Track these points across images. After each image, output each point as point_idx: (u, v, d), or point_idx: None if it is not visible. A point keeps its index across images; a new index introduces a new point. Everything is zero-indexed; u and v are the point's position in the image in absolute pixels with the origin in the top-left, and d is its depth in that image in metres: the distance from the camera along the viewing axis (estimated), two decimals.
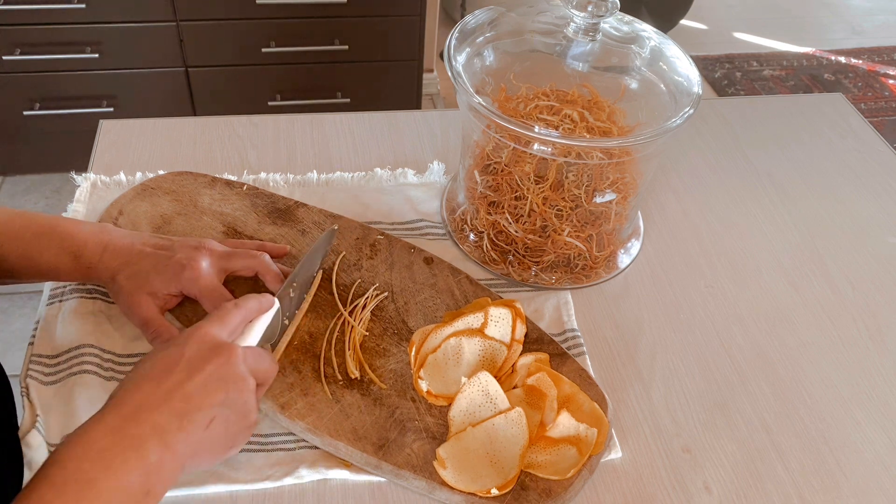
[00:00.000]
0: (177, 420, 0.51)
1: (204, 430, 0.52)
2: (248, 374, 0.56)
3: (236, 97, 1.96)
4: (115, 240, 0.69)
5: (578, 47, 0.82)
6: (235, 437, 0.56)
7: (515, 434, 0.64)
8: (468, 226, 0.83)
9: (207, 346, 0.55)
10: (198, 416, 0.52)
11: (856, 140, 1.05)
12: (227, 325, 0.58)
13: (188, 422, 0.51)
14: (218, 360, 0.54)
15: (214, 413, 0.53)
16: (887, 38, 3.04)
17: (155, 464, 0.49)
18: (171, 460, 0.50)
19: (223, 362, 0.54)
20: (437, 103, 2.45)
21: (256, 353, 0.58)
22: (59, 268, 0.68)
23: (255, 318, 0.62)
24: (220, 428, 0.54)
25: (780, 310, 0.81)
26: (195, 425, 0.52)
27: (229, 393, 0.54)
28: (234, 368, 0.55)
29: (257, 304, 0.62)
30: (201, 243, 0.70)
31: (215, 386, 0.53)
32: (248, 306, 0.61)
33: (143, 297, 0.67)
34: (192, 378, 0.53)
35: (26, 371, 0.68)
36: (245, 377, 0.55)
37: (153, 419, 0.50)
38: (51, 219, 0.69)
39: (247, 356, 0.57)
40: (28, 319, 1.76)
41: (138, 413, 0.50)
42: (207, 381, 0.53)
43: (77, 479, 0.46)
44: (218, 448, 0.55)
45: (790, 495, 0.66)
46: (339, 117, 1.01)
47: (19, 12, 1.73)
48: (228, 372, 0.54)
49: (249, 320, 0.62)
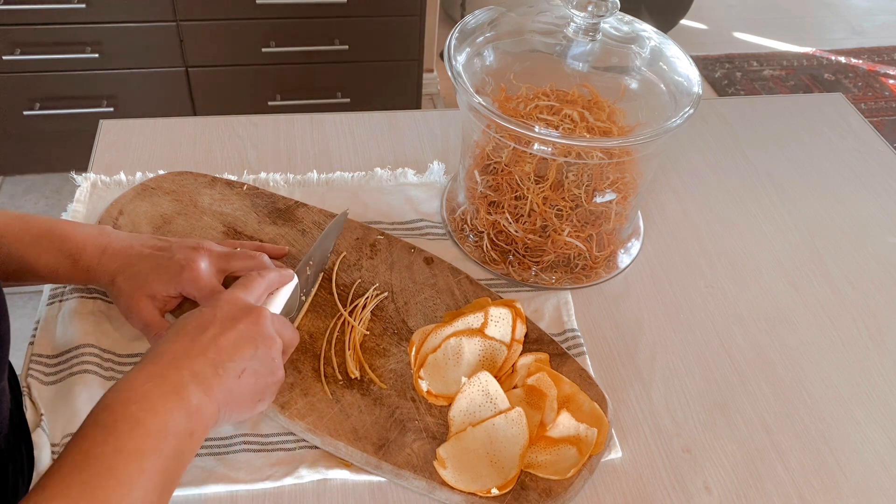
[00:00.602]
0: (212, 368, 0.55)
1: (237, 378, 0.56)
2: (276, 335, 0.60)
3: (236, 97, 1.96)
4: (114, 242, 0.69)
5: (578, 47, 0.82)
6: (264, 391, 0.59)
7: (515, 434, 0.64)
8: (468, 226, 0.83)
9: (238, 307, 0.59)
10: (231, 365, 0.56)
11: (856, 140, 1.05)
12: (252, 291, 0.62)
13: (223, 370, 0.55)
14: (248, 319, 0.58)
15: (245, 365, 0.57)
16: (887, 38, 3.04)
17: (196, 406, 0.52)
18: (209, 404, 0.53)
19: (253, 321, 0.58)
20: (437, 103, 2.45)
21: (281, 319, 0.62)
22: (57, 270, 0.68)
23: (276, 290, 0.66)
24: (250, 379, 0.57)
25: (780, 310, 0.81)
26: (229, 373, 0.55)
27: (258, 349, 0.58)
28: (262, 328, 0.59)
29: (279, 276, 0.66)
30: (200, 244, 0.70)
31: (246, 341, 0.57)
32: (271, 277, 0.65)
33: (142, 300, 0.67)
34: (224, 333, 0.57)
35: (27, 371, 0.68)
36: (273, 336, 0.59)
37: (191, 366, 0.54)
38: (49, 221, 0.69)
39: (273, 320, 0.61)
40: (28, 319, 1.76)
41: (176, 361, 0.54)
42: (239, 337, 0.57)
43: (126, 419, 0.49)
44: (248, 399, 0.58)
45: (790, 495, 0.66)
46: (339, 117, 1.01)
47: (19, 12, 1.73)
48: (258, 330, 0.58)
49: (271, 291, 0.66)
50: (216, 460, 0.63)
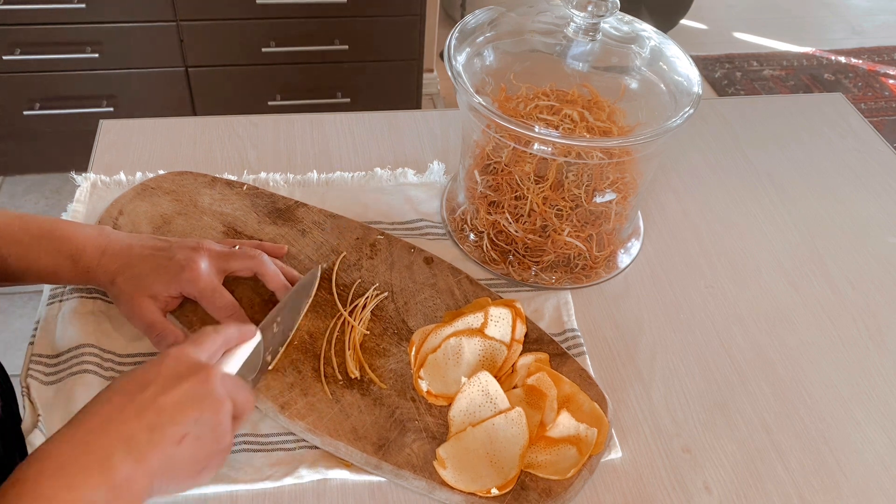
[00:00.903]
0: (147, 432, 0.49)
1: (176, 445, 0.50)
2: (226, 397, 0.54)
3: (236, 97, 1.96)
4: (114, 242, 0.69)
5: (578, 47, 0.82)
6: (208, 459, 0.53)
7: (515, 434, 0.64)
8: (468, 226, 0.83)
9: (184, 364, 0.53)
10: (170, 429, 0.50)
11: (856, 140, 1.05)
12: (205, 348, 0.56)
13: (160, 435, 0.49)
14: (195, 378, 0.52)
15: (187, 430, 0.51)
16: (887, 38, 3.04)
17: (122, 479, 0.47)
18: (140, 476, 0.48)
19: (200, 380, 0.53)
20: (437, 103, 2.45)
21: (235, 380, 0.57)
22: (57, 271, 0.68)
23: (235, 347, 0.60)
24: (192, 446, 0.51)
25: (780, 310, 0.81)
26: (167, 439, 0.50)
27: (204, 412, 0.52)
28: (210, 388, 0.53)
29: (237, 332, 0.60)
30: (199, 244, 0.70)
31: (190, 403, 0.51)
32: (229, 333, 0.59)
33: (143, 300, 0.67)
34: (166, 393, 0.51)
35: (27, 371, 0.68)
36: (222, 399, 0.53)
37: (122, 430, 0.48)
38: (49, 221, 0.69)
39: (225, 380, 0.55)
40: (28, 319, 1.76)
41: (106, 425, 0.48)
42: (182, 397, 0.51)
43: (36, 496, 0.44)
44: (189, 469, 0.52)
45: (790, 495, 0.66)
46: (339, 117, 1.01)
47: (19, 12, 1.73)
48: (205, 390, 0.52)
49: (229, 347, 0.60)
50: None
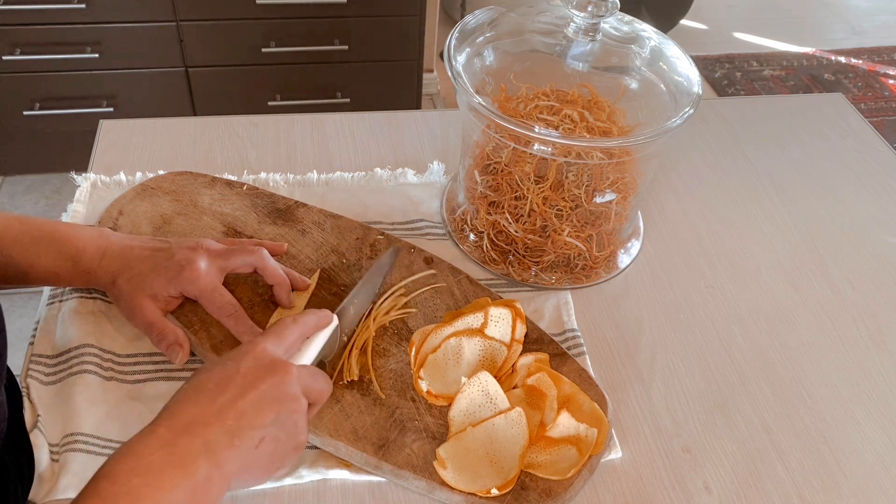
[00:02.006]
0: (227, 438, 0.51)
1: (253, 449, 0.52)
2: (301, 395, 0.56)
3: (236, 97, 1.96)
4: (114, 244, 0.69)
5: (578, 47, 0.82)
6: (284, 458, 0.55)
7: (515, 434, 0.64)
8: (468, 226, 0.83)
9: (263, 363, 0.55)
10: (249, 434, 0.52)
11: (856, 140, 1.05)
12: (284, 341, 0.58)
13: (239, 440, 0.51)
14: (273, 378, 0.54)
15: (265, 433, 0.53)
16: (887, 38, 3.04)
17: (202, 481, 0.49)
18: (218, 478, 0.50)
19: (278, 381, 0.54)
20: (437, 103, 2.45)
21: (311, 371, 0.58)
22: (57, 272, 0.68)
23: (312, 334, 0.62)
24: (269, 448, 0.53)
25: (780, 310, 0.81)
26: (246, 444, 0.52)
27: (281, 413, 0.53)
28: (287, 388, 0.54)
29: (315, 319, 0.62)
30: (199, 243, 0.70)
31: (268, 405, 0.53)
32: (307, 321, 0.61)
33: (144, 300, 0.67)
34: (245, 395, 0.52)
35: (26, 371, 0.68)
36: (298, 397, 0.55)
37: (205, 435, 0.50)
38: (49, 224, 0.69)
39: (301, 375, 0.56)
40: (28, 319, 1.76)
41: (191, 427, 0.50)
42: (261, 399, 0.53)
43: (127, 492, 0.46)
44: (265, 467, 0.54)
45: (790, 495, 0.66)
46: (339, 117, 1.01)
47: (19, 12, 1.73)
48: (282, 391, 0.54)
49: (307, 336, 0.61)
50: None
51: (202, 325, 0.70)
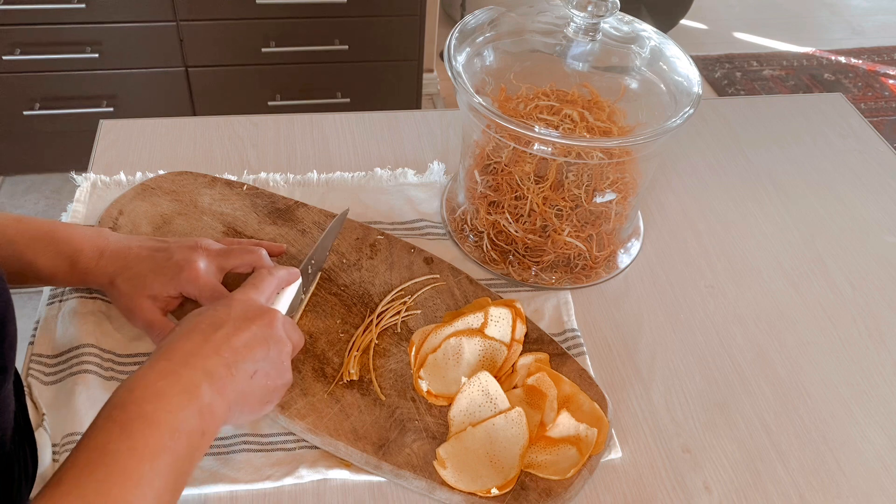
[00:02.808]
0: (225, 367, 0.55)
1: (248, 379, 0.56)
2: (286, 337, 0.60)
3: (236, 97, 1.96)
4: (112, 244, 0.69)
5: (578, 47, 0.82)
6: (273, 393, 0.59)
7: (515, 434, 0.64)
8: (468, 226, 0.83)
9: (252, 307, 0.60)
10: (244, 365, 0.56)
11: (856, 140, 1.05)
12: (263, 291, 0.63)
13: (236, 369, 0.55)
14: (261, 321, 0.59)
15: (257, 366, 0.57)
16: (887, 38, 3.04)
17: (208, 405, 0.52)
18: (220, 403, 0.53)
19: (266, 323, 0.59)
20: (437, 103, 2.45)
21: (289, 321, 0.63)
22: (55, 272, 0.68)
23: (283, 288, 0.67)
24: (261, 380, 0.57)
25: (780, 310, 0.81)
26: (242, 374, 0.56)
27: (270, 350, 0.58)
28: (275, 330, 0.59)
29: (287, 273, 0.67)
30: (197, 243, 0.70)
31: (259, 342, 0.57)
32: (280, 275, 0.66)
33: (143, 301, 0.67)
34: (238, 333, 0.56)
35: (27, 371, 0.68)
36: (284, 339, 0.60)
37: (204, 365, 0.54)
38: (47, 223, 0.69)
39: (284, 322, 0.61)
40: (28, 319, 1.75)
41: (189, 359, 0.54)
42: (252, 337, 0.57)
43: (140, 417, 0.49)
44: (258, 400, 0.58)
45: (790, 495, 0.66)
46: (339, 117, 1.01)
47: (19, 12, 1.73)
48: (270, 333, 0.59)
49: (280, 289, 0.66)
50: (216, 460, 0.63)
51: None
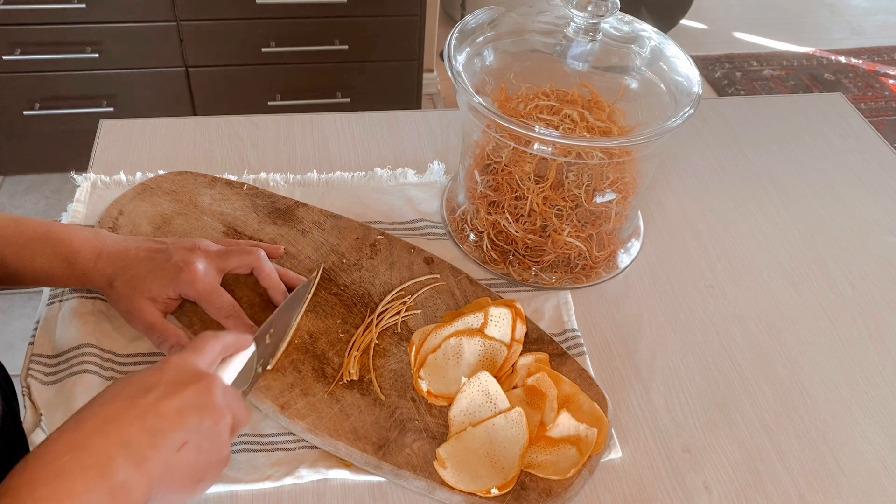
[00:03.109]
0: (148, 436, 0.48)
1: (176, 451, 0.49)
2: (226, 408, 0.53)
3: (236, 97, 1.96)
4: (110, 245, 0.69)
5: (578, 47, 0.82)
6: (206, 471, 0.52)
7: (515, 434, 0.64)
8: (468, 226, 0.83)
9: (187, 371, 0.52)
10: (171, 434, 0.49)
11: (856, 140, 1.05)
12: (205, 355, 0.55)
13: (161, 439, 0.48)
14: (197, 385, 0.51)
15: (188, 437, 0.50)
16: (887, 38, 3.04)
17: (121, 483, 0.45)
18: (138, 481, 0.46)
19: (202, 389, 0.51)
20: (437, 103, 2.45)
21: (233, 392, 0.55)
22: (52, 274, 0.68)
23: (230, 356, 0.59)
24: (192, 454, 0.50)
25: (780, 310, 0.81)
26: (167, 444, 0.48)
27: (204, 420, 0.51)
28: (212, 397, 0.52)
29: (235, 339, 0.59)
30: (196, 244, 0.69)
31: (191, 411, 0.50)
32: (227, 341, 0.58)
33: (143, 303, 0.67)
34: (168, 399, 0.49)
35: (27, 371, 0.68)
36: (222, 409, 0.52)
37: (123, 434, 0.47)
38: (44, 224, 0.69)
39: (225, 391, 0.54)
40: (28, 319, 1.76)
41: (106, 427, 0.47)
42: (184, 404, 0.50)
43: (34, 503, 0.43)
44: (187, 478, 0.51)
45: (790, 495, 0.66)
46: (339, 117, 1.01)
47: (19, 12, 1.73)
48: (206, 400, 0.51)
49: (226, 355, 0.58)
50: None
51: (203, 326, 0.70)
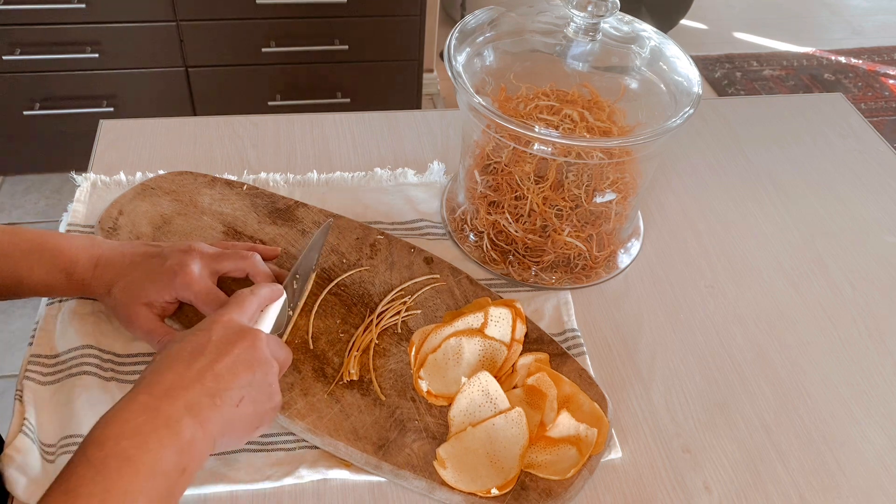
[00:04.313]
0: (209, 398, 0.53)
1: (234, 407, 0.54)
2: (272, 358, 0.58)
3: (236, 97, 1.96)
4: (106, 252, 0.68)
5: (578, 47, 0.82)
6: (263, 417, 0.58)
7: (515, 434, 0.64)
8: (468, 226, 0.83)
9: (233, 330, 0.57)
10: (229, 394, 0.54)
11: (856, 140, 1.05)
12: (245, 311, 0.61)
13: (220, 399, 0.53)
14: (244, 343, 0.57)
15: (243, 392, 0.55)
16: (887, 38, 3.04)
17: (188, 441, 0.51)
18: (203, 438, 0.52)
19: (249, 345, 0.57)
20: (437, 103, 2.45)
21: (275, 339, 0.61)
22: (51, 285, 0.68)
23: (267, 306, 0.65)
24: (249, 407, 0.56)
25: (780, 310, 0.81)
26: (227, 403, 0.54)
27: (256, 374, 0.56)
28: (259, 352, 0.57)
29: (269, 291, 0.65)
30: (190, 247, 0.69)
31: (243, 367, 0.56)
32: (262, 293, 0.64)
33: (140, 309, 0.67)
34: (220, 360, 0.55)
35: (24, 372, 0.68)
36: (269, 360, 0.58)
37: (186, 397, 0.52)
38: (39, 235, 0.68)
39: (269, 342, 0.59)
40: (28, 319, 1.76)
41: (171, 392, 0.52)
42: (236, 362, 0.55)
43: (116, 455, 0.47)
44: (247, 426, 0.57)
45: (790, 495, 0.66)
46: (339, 117, 1.01)
47: (19, 12, 1.73)
48: (254, 355, 0.57)
49: (263, 308, 0.64)
50: (216, 460, 0.63)
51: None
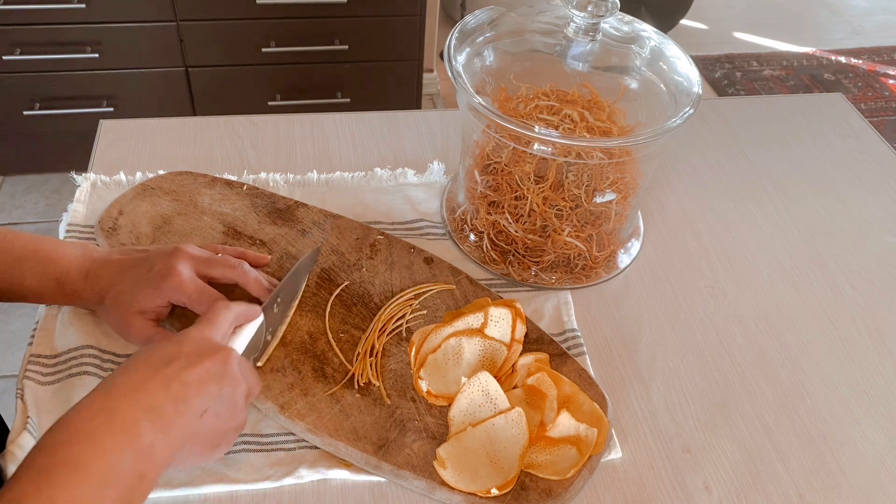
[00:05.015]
0: (172, 403, 0.51)
1: (198, 418, 0.53)
2: (242, 377, 0.57)
3: (236, 97, 1.96)
4: (97, 262, 0.68)
5: (578, 47, 0.82)
6: (224, 435, 0.57)
7: (515, 434, 0.64)
8: (468, 226, 0.83)
9: (205, 344, 0.56)
10: (194, 402, 0.53)
11: (856, 140, 1.05)
12: (218, 327, 0.59)
13: (184, 406, 0.52)
14: (215, 357, 0.55)
15: (209, 405, 0.54)
16: (887, 38, 3.04)
17: (148, 446, 0.49)
18: (163, 444, 0.50)
19: (220, 360, 0.55)
20: (437, 103, 2.45)
21: (245, 363, 0.59)
22: (42, 293, 0.67)
23: (242, 325, 0.63)
24: (212, 421, 0.54)
25: (780, 310, 0.81)
26: (190, 411, 0.52)
27: (223, 389, 0.55)
28: (229, 368, 0.56)
29: (245, 310, 0.63)
30: (177, 249, 0.68)
31: (211, 379, 0.54)
32: (238, 311, 0.62)
33: (134, 317, 0.66)
34: (189, 370, 0.53)
35: (24, 372, 0.68)
36: (239, 378, 0.57)
37: (148, 400, 0.50)
38: (32, 240, 0.68)
39: (240, 362, 0.58)
40: (28, 319, 1.76)
41: (131, 394, 0.50)
42: (205, 374, 0.54)
43: (65, 462, 0.45)
44: (207, 442, 0.55)
45: (790, 495, 0.66)
46: (339, 117, 1.01)
47: (19, 12, 1.73)
48: (224, 370, 0.55)
49: (237, 325, 0.62)
50: (217, 460, 0.63)
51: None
